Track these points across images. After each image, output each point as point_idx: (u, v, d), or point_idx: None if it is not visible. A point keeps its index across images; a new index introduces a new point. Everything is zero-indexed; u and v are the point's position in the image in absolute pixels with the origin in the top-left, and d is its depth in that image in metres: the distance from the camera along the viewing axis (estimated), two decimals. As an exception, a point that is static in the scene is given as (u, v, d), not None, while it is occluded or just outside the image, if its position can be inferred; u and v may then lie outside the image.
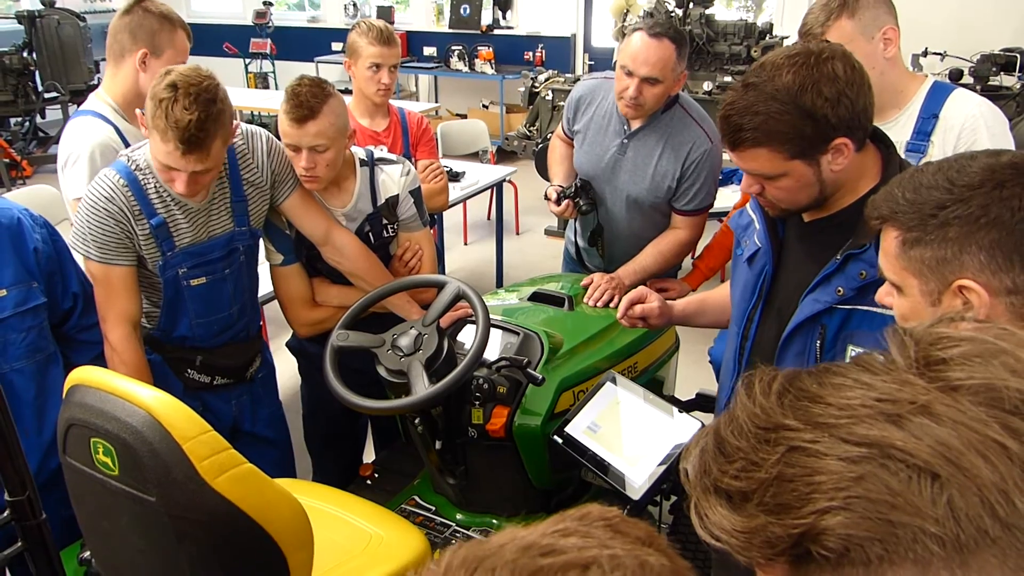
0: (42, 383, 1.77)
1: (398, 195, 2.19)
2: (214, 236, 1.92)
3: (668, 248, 2.44)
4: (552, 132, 2.88)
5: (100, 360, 1.86)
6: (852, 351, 1.35)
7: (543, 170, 5.11)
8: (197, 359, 2.01)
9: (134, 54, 2.09)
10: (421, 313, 2.05)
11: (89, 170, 2.00)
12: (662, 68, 2.16)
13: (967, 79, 5.04)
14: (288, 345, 2.41)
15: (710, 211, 2.50)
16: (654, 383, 2.25)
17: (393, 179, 2.19)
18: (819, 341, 1.37)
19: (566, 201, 2.41)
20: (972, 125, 1.85)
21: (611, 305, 2.28)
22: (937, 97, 1.91)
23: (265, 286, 2.28)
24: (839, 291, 1.32)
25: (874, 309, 1.31)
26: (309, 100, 1.91)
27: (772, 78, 1.27)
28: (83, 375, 1.31)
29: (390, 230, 2.22)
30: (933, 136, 1.90)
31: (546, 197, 2.50)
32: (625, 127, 2.38)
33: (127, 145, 2.08)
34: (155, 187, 1.82)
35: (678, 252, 2.46)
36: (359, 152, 2.18)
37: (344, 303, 2.09)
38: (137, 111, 1.81)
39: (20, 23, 7.21)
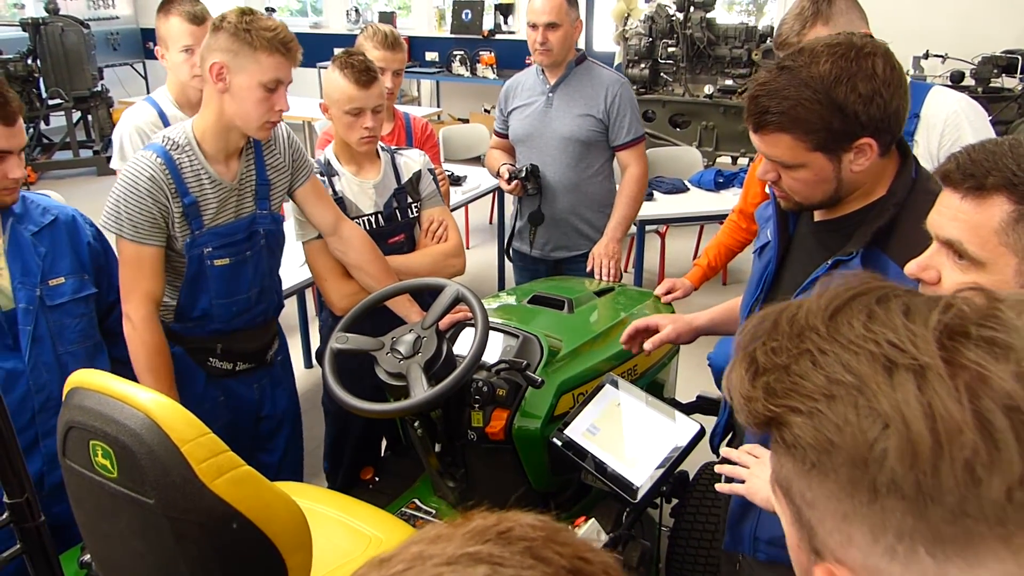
0: (90, 368, 1.82)
1: (420, 171, 2.36)
2: (240, 217, 1.99)
3: (631, 189, 2.84)
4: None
5: None
6: None
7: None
8: (218, 347, 2.05)
9: (157, 51, 2.48)
10: (421, 315, 2.06)
11: (116, 145, 2.45)
12: (557, 13, 2.66)
13: (968, 81, 5.04)
14: (317, 355, 2.43)
15: (700, 217, 2.76)
16: (654, 386, 2.26)
17: (413, 159, 2.38)
18: None
19: (516, 181, 2.80)
20: (954, 121, 1.87)
21: (614, 278, 2.72)
22: (915, 97, 1.92)
23: (287, 279, 2.42)
24: None
25: None
26: (369, 65, 2.15)
27: (809, 64, 1.22)
28: (82, 378, 1.32)
29: (414, 209, 2.35)
30: (916, 135, 1.91)
31: (498, 174, 2.91)
32: (547, 85, 2.82)
33: (163, 119, 2.38)
34: (190, 166, 1.88)
35: (640, 187, 2.87)
36: (379, 143, 2.36)
37: None
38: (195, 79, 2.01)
39: (24, 30, 7.25)
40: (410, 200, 2.33)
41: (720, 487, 1.35)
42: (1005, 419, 0.43)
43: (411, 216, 2.35)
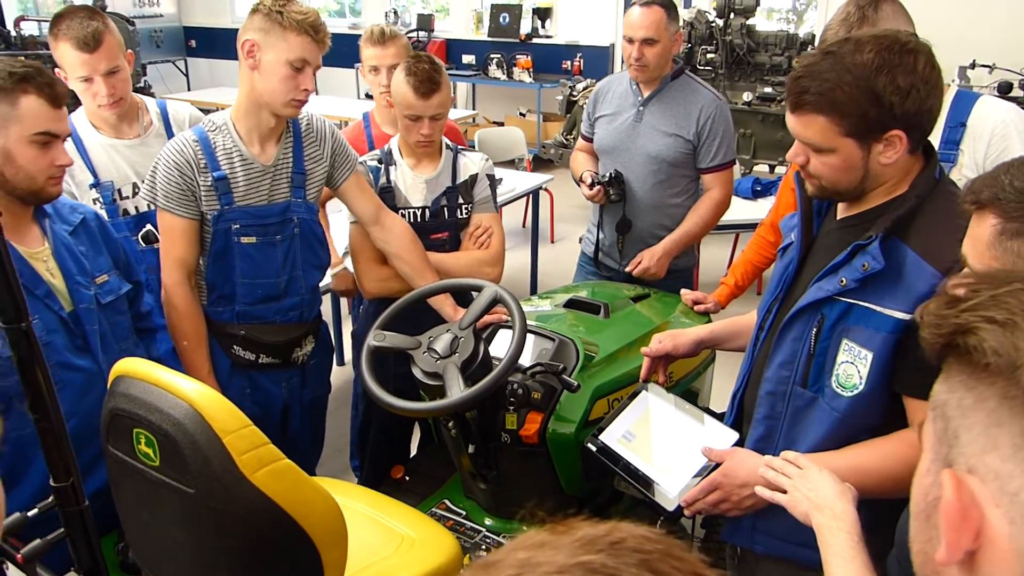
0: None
1: (477, 174, 2.37)
2: (274, 202, 2.03)
3: (706, 211, 2.69)
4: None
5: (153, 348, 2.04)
6: (846, 345, 1.36)
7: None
8: (240, 333, 2.08)
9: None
10: (456, 310, 2.06)
11: None
12: (656, 29, 2.51)
13: (1017, 92, 4.93)
14: (353, 334, 2.47)
15: (736, 225, 2.73)
16: (689, 394, 2.22)
17: (474, 162, 2.39)
18: (816, 329, 1.38)
19: (598, 187, 2.65)
20: (1002, 131, 1.83)
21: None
22: (962, 106, 1.90)
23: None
24: (842, 281, 1.33)
25: (873, 306, 1.31)
26: (433, 75, 2.17)
27: (853, 52, 1.25)
28: (128, 366, 1.33)
29: (463, 211, 2.36)
30: (962, 144, 1.88)
31: (579, 180, 2.74)
32: (639, 97, 2.66)
33: (83, 154, 2.20)
34: (223, 145, 1.97)
35: (715, 212, 2.71)
36: (445, 140, 2.40)
37: None
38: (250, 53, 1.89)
39: (72, 27, 7.40)
40: (461, 201, 2.35)
41: (759, 491, 1.35)
42: None
43: (460, 217, 2.36)
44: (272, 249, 2.04)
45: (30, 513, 1.19)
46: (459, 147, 2.41)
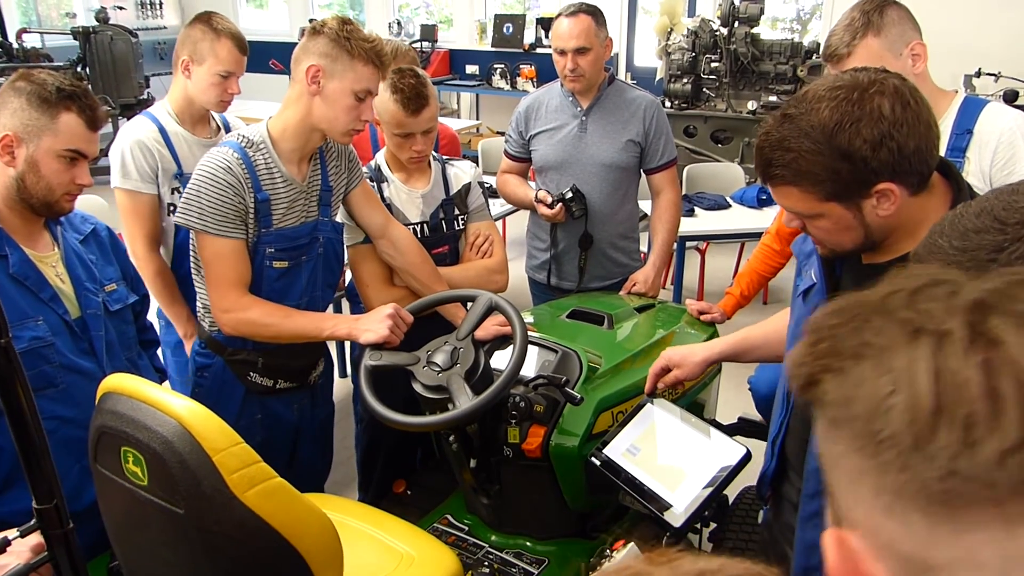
0: (148, 371, 1.93)
1: (470, 183, 2.34)
2: (305, 222, 1.97)
3: (672, 216, 2.73)
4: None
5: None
6: None
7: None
8: (259, 361, 2.00)
9: (179, 62, 2.32)
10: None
11: (116, 161, 2.29)
12: (586, 37, 2.50)
13: (1023, 100, 4.89)
14: (354, 361, 2.41)
15: (742, 235, 2.72)
16: (695, 406, 2.19)
17: (464, 171, 2.36)
18: None
19: (560, 205, 2.60)
20: (1009, 139, 1.80)
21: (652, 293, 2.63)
22: (970, 112, 1.85)
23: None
24: None
25: None
26: (420, 90, 2.10)
27: (810, 112, 1.16)
28: (115, 383, 1.30)
29: (460, 222, 2.32)
30: (968, 152, 1.84)
31: (537, 199, 2.65)
32: (578, 108, 2.64)
33: (168, 143, 2.30)
34: (264, 163, 1.88)
35: (676, 213, 2.76)
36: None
37: None
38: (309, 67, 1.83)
39: (75, 39, 7.42)
40: (457, 212, 2.31)
41: None
42: (1013, 388, 0.43)
43: (457, 228, 2.32)
44: (298, 271, 1.97)
45: (11, 536, 1.15)
46: (444, 157, 2.37)
